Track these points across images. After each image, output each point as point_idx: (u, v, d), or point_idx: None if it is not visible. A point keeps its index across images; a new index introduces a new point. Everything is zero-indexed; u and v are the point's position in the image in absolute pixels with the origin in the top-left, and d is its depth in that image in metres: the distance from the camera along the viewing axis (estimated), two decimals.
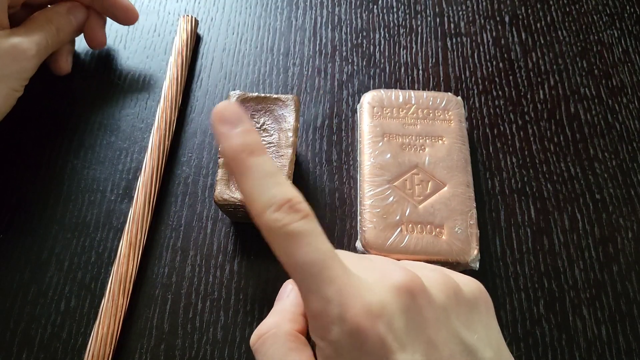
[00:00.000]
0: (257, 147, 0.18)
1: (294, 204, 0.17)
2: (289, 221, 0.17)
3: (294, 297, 0.21)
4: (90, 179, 0.32)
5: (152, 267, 0.29)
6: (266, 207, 0.17)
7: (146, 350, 0.27)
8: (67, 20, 0.32)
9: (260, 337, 0.20)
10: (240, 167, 0.18)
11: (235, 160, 0.18)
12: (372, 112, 0.32)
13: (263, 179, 0.18)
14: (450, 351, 0.17)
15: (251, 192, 0.18)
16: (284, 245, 0.17)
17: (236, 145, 0.18)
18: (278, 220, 0.17)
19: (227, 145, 0.18)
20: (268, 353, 0.19)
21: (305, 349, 0.19)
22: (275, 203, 0.17)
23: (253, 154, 0.18)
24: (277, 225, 0.17)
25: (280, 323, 0.20)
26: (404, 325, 0.17)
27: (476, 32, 0.39)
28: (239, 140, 0.18)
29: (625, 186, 0.32)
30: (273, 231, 0.17)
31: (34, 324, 0.28)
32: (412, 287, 0.17)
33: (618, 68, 0.37)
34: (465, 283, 0.20)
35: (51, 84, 0.35)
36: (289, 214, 0.17)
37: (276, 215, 0.17)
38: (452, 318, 0.18)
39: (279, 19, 0.39)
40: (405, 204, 0.29)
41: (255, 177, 0.18)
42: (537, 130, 0.34)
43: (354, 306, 0.16)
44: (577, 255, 0.30)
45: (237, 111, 0.19)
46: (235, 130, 0.18)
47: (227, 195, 0.27)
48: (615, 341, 0.28)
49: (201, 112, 0.35)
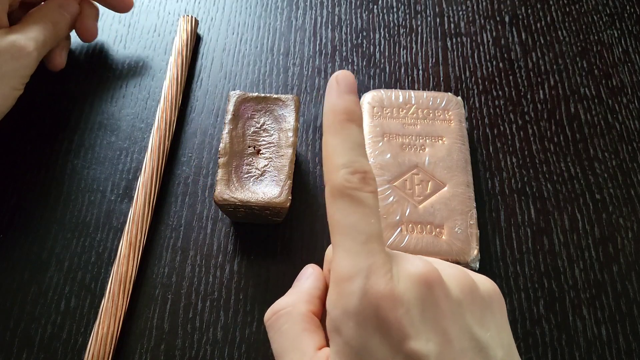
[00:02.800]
0: (358, 117, 0.19)
1: (369, 178, 0.18)
2: (359, 187, 0.18)
3: (314, 280, 0.22)
4: (90, 179, 0.32)
5: (152, 267, 0.29)
6: (344, 167, 0.18)
7: (146, 350, 0.27)
8: (61, 14, 0.32)
9: (275, 313, 0.20)
10: (336, 125, 0.19)
11: (336, 117, 0.19)
12: (372, 112, 0.32)
13: (351, 143, 0.19)
14: (462, 345, 0.17)
15: (336, 148, 0.19)
16: (344, 205, 0.18)
17: (343, 105, 0.19)
18: (350, 182, 0.18)
19: (335, 102, 0.19)
20: (281, 330, 0.20)
21: (319, 332, 0.20)
22: (353, 167, 0.18)
23: (352, 121, 0.19)
24: (347, 185, 0.18)
25: (296, 303, 0.20)
26: (420, 314, 0.17)
27: (476, 32, 0.39)
28: (348, 104, 0.19)
29: (625, 186, 0.32)
30: (341, 189, 0.18)
31: (34, 324, 0.28)
32: (431, 279, 0.18)
33: (618, 68, 0.37)
34: (481, 282, 0.20)
35: (51, 84, 0.35)
36: (361, 182, 0.18)
37: (350, 177, 0.18)
38: (467, 314, 0.18)
39: (279, 19, 0.39)
40: (405, 204, 0.29)
41: (344, 139, 0.19)
42: (537, 130, 0.34)
43: (380, 285, 0.17)
44: (577, 255, 0.30)
45: (355, 83, 0.20)
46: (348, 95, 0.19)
47: (227, 195, 0.27)
48: (615, 341, 0.28)
49: (201, 112, 0.35)
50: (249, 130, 0.30)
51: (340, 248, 0.18)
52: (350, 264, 0.17)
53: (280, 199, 0.27)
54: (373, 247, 0.18)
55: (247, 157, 0.29)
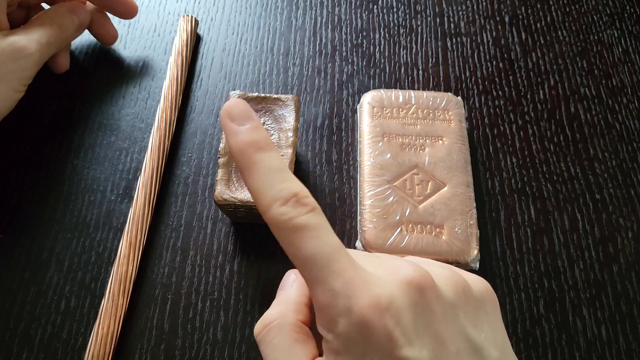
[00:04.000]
0: (264, 142, 0.19)
1: (301, 198, 0.18)
2: (296, 215, 0.17)
3: (298, 287, 0.21)
4: (90, 179, 0.32)
5: (152, 267, 0.29)
6: (273, 202, 0.18)
7: (146, 350, 0.27)
8: (70, 18, 0.32)
9: (265, 327, 0.20)
10: (248, 162, 0.18)
11: (243, 155, 0.18)
12: (372, 112, 0.32)
13: (270, 174, 0.18)
14: (457, 348, 0.17)
15: (258, 187, 0.18)
16: (290, 238, 0.17)
17: (244, 141, 0.18)
18: (285, 214, 0.17)
19: (235, 140, 0.19)
20: (273, 343, 0.19)
21: (310, 341, 0.19)
22: (282, 197, 0.18)
23: (261, 150, 0.18)
24: (283, 219, 0.17)
25: (284, 313, 0.20)
26: (412, 320, 0.17)
27: (476, 32, 0.39)
28: (247, 136, 0.19)
29: (625, 186, 0.32)
30: (280, 225, 0.17)
31: (34, 324, 0.28)
32: (422, 283, 0.17)
33: (618, 68, 0.37)
34: (473, 282, 0.20)
35: (51, 84, 0.35)
36: (296, 207, 0.17)
37: (283, 209, 0.17)
38: (460, 315, 0.18)
39: (279, 19, 0.39)
40: (405, 204, 0.29)
41: (262, 173, 0.18)
42: (537, 130, 0.34)
43: (362, 298, 0.16)
44: (577, 255, 0.30)
45: (246, 109, 0.19)
46: (243, 127, 0.19)
47: (227, 195, 0.27)
48: (615, 341, 0.28)
49: (201, 112, 0.35)
50: None
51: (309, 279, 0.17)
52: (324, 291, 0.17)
53: None
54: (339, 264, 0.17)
55: None
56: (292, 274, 0.22)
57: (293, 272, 0.22)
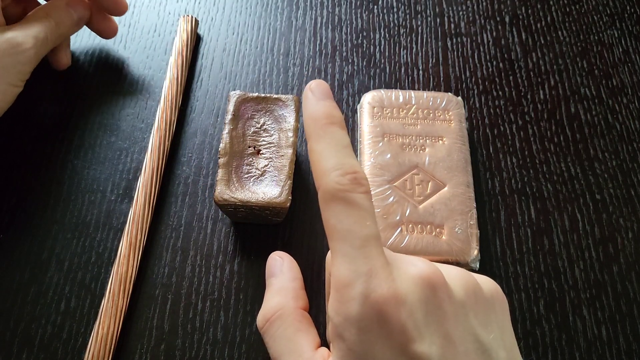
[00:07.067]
0: (339, 120, 0.19)
1: (360, 178, 0.18)
2: (350, 189, 0.18)
3: (289, 271, 0.22)
4: (90, 179, 0.32)
5: (152, 267, 0.29)
6: (333, 169, 0.18)
7: (146, 350, 0.27)
8: (67, 13, 0.32)
9: (267, 320, 0.20)
10: (319, 130, 0.19)
11: (316, 123, 0.19)
12: (372, 112, 0.32)
13: (337, 146, 0.19)
14: (465, 348, 0.17)
15: (322, 151, 0.19)
16: (337, 208, 0.18)
17: (321, 111, 0.19)
18: (341, 184, 0.18)
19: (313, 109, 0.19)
20: (276, 335, 0.20)
21: (311, 329, 0.20)
22: (342, 169, 0.18)
23: (334, 124, 0.19)
24: (338, 188, 0.18)
25: (284, 304, 0.20)
26: (424, 316, 0.17)
27: (476, 32, 0.39)
28: (325, 109, 0.19)
29: (625, 186, 0.32)
30: (333, 193, 0.18)
31: (34, 324, 0.28)
32: (434, 280, 0.18)
33: (618, 68, 0.37)
34: (483, 283, 0.20)
35: (51, 84, 0.35)
36: (353, 183, 0.18)
37: (341, 179, 0.18)
38: (470, 316, 0.18)
39: (279, 19, 0.39)
40: (405, 204, 0.29)
41: (330, 142, 0.19)
42: (537, 130, 0.34)
43: (381, 288, 0.17)
44: (577, 255, 0.30)
45: (328, 89, 0.20)
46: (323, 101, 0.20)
47: (227, 195, 0.27)
48: (615, 341, 0.28)
49: (201, 112, 0.35)
50: (249, 131, 0.30)
51: (338, 254, 0.18)
52: (349, 270, 0.17)
53: (280, 199, 0.27)
54: (371, 250, 0.17)
55: (247, 157, 0.29)
56: (277, 257, 0.22)
57: (277, 255, 0.23)
